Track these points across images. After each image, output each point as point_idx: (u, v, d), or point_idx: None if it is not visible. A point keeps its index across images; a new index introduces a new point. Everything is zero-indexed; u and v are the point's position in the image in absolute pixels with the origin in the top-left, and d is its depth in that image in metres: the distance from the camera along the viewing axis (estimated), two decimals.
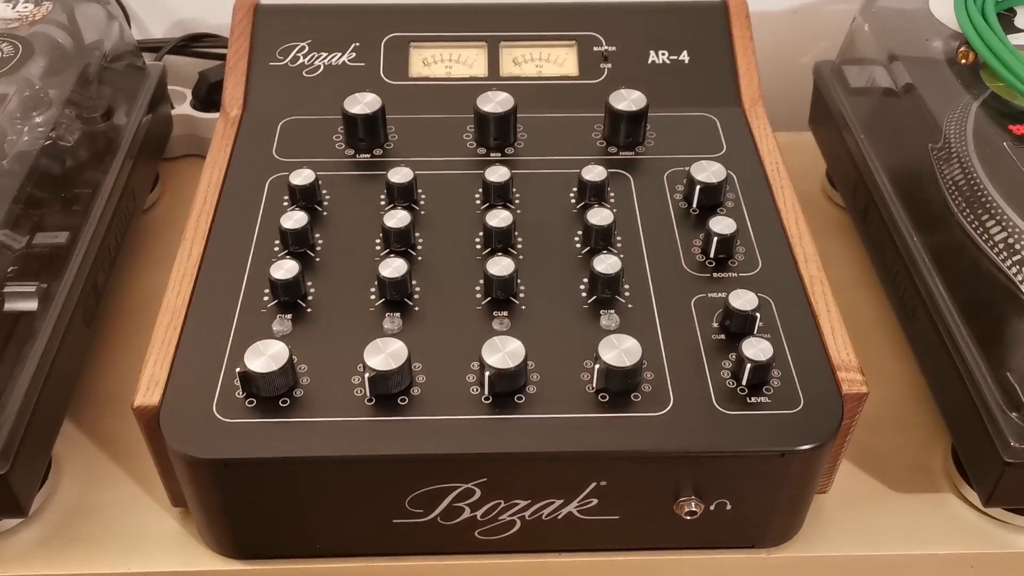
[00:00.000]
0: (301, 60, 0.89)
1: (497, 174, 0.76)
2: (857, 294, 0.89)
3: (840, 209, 0.99)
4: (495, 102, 0.79)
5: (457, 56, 0.90)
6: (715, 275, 0.71)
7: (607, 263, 0.68)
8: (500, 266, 0.68)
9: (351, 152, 0.81)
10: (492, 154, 0.82)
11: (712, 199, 0.76)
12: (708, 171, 0.76)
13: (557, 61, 0.90)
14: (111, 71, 0.88)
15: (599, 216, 0.72)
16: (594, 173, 0.76)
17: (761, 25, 1.07)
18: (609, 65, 0.89)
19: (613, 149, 0.82)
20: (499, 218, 0.72)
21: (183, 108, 1.02)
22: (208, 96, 1.00)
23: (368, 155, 0.81)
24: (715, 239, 0.71)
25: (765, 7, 1.06)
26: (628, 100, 0.81)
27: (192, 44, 1.05)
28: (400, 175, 0.76)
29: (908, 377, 0.80)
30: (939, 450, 0.75)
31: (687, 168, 0.79)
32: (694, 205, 0.76)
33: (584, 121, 0.85)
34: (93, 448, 0.74)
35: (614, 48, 0.90)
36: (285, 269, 0.68)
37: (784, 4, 1.06)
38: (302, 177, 0.75)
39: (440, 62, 0.90)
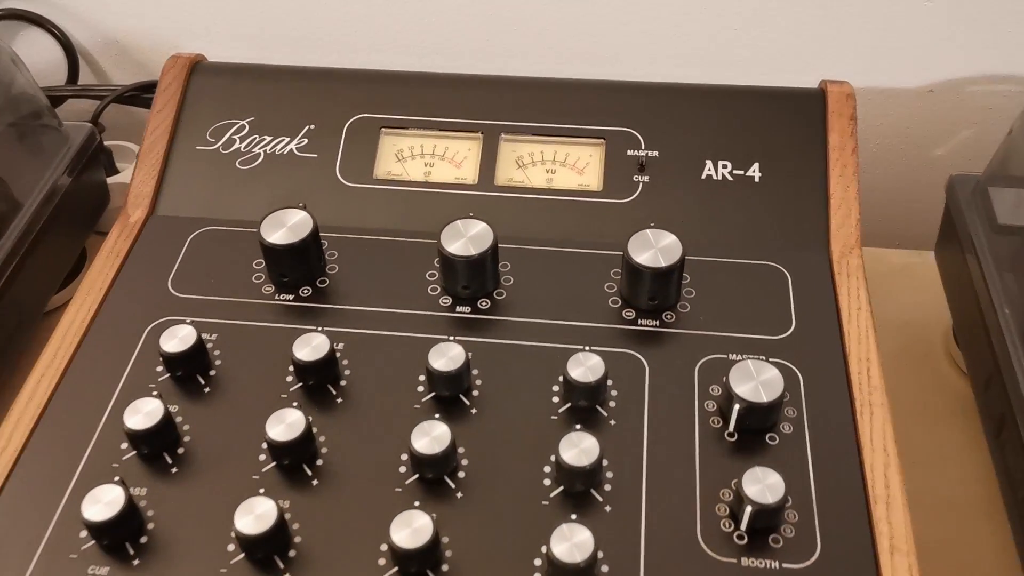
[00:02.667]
0: (237, 145, 0.67)
1: (445, 357, 0.52)
2: (976, 523, 0.62)
3: (966, 378, 0.72)
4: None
5: (443, 149, 0.67)
6: (746, 561, 0.47)
7: (575, 541, 0.44)
8: (413, 529, 0.45)
9: (269, 291, 0.60)
10: (459, 308, 0.58)
11: (758, 423, 0.51)
12: (757, 380, 0.51)
13: (576, 166, 0.66)
14: None
15: (577, 449, 0.48)
16: (584, 368, 0.52)
17: (883, 103, 0.80)
18: (646, 178, 0.64)
19: (630, 313, 0.58)
20: (432, 436, 0.49)
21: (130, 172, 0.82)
22: None
23: (291, 296, 0.59)
24: (749, 509, 0.46)
25: (890, 82, 0.79)
26: (655, 249, 0.56)
27: (149, 92, 0.85)
28: (310, 348, 0.53)
29: None
30: None
31: (728, 357, 0.54)
32: (731, 427, 0.51)
33: (599, 262, 0.61)
34: None
35: (655, 153, 0.65)
36: (106, 503, 0.47)
37: (917, 78, 0.78)
38: (178, 341, 0.54)
39: (418, 156, 0.67)
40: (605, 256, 0.61)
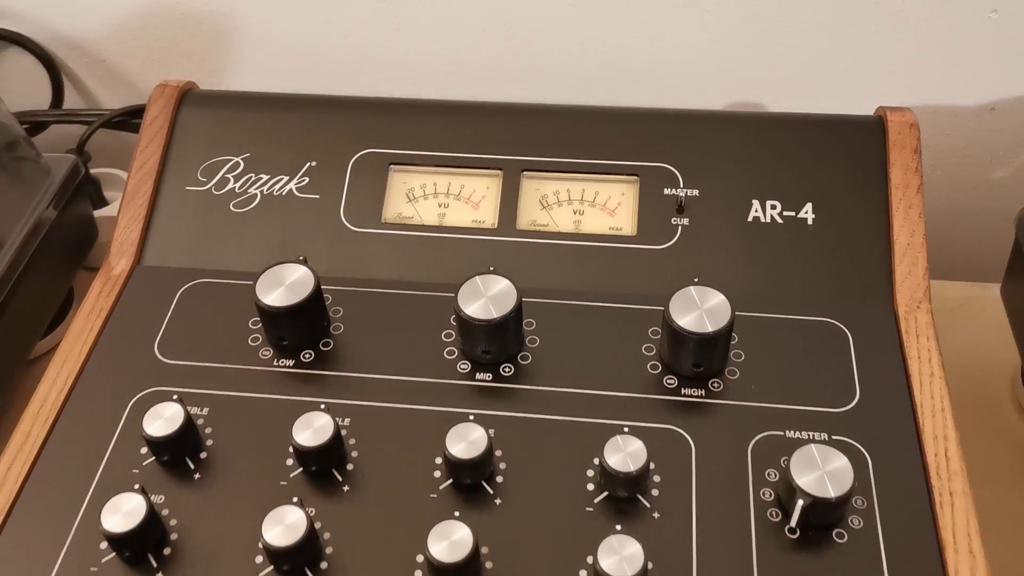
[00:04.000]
0: (231, 185, 0.61)
1: (465, 442, 0.46)
2: None
3: None
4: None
5: (459, 188, 0.60)
6: None
7: None
8: None
9: (267, 355, 0.53)
10: (479, 375, 0.52)
11: (824, 518, 0.45)
12: (822, 470, 0.44)
13: (607, 206, 0.59)
14: None
15: (618, 556, 0.42)
16: (624, 455, 0.45)
17: (939, 121, 0.73)
18: (685, 221, 0.58)
19: (671, 381, 0.51)
20: (451, 540, 0.43)
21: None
22: None
23: (291, 361, 0.53)
24: None
25: (948, 100, 0.72)
26: (701, 311, 0.49)
27: (138, 116, 0.78)
28: (312, 431, 0.47)
29: None
30: None
31: (785, 435, 0.48)
32: (792, 522, 0.45)
33: (635, 319, 0.54)
34: None
35: (695, 191, 0.58)
36: None
37: (976, 95, 0.71)
38: (164, 422, 0.48)
39: (431, 196, 0.60)
40: (642, 312, 0.54)
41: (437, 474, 0.48)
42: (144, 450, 0.49)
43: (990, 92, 0.71)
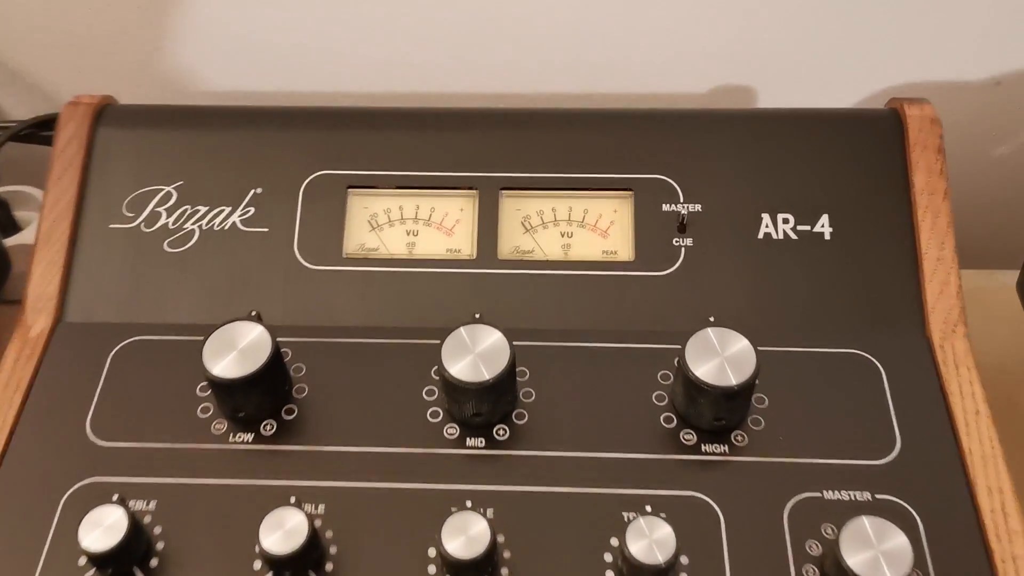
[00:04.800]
0: (163, 220, 0.52)
1: (464, 537, 0.40)
2: None
3: None
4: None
5: (428, 211, 0.53)
6: None
7: None
8: None
9: (221, 429, 0.46)
10: (470, 440, 0.45)
11: None
12: (877, 549, 0.39)
13: (598, 226, 0.52)
14: None
15: None
16: (649, 543, 0.39)
17: (942, 97, 0.67)
18: (688, 241, 0.51)
19: (689, 436, 0.45)
20: None
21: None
22: None
23: (250, 435, 0.46)
24: None
25: (952, 74, 0.65)
26: (722, 359, 0.43)
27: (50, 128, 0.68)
28: (283, 532, 0.40)
29: None
30: None
31: (824, 496, 0.42)
32: None
33: (641, 360, 0.48)
34: None
35: (698, 207, 0.52)
36: None
37: (982, 68, 0.65)
38: (103, 532, 0.40)
39: (398, 223, 0.52)
40: (648, 352, 0.48)
41: (432, 569, 0.41)
42: (83, 561, 0.42)
43: (995, 65, 0.66)
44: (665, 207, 0.52)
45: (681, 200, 0.52)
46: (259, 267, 0.51)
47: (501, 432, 0.45)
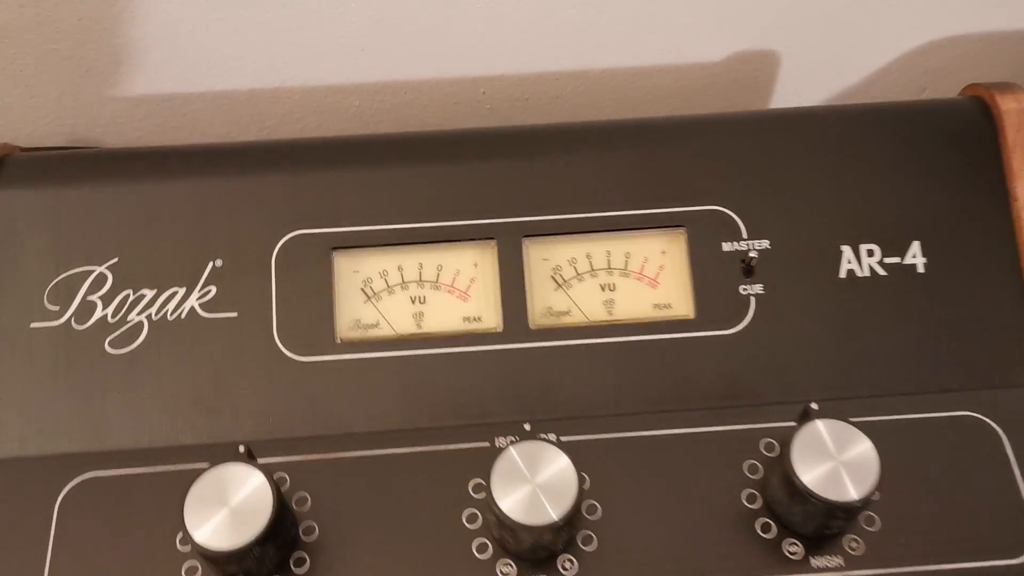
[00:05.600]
0: (100, 312, 0.41)
1: None
2: None
3: None
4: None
5: (436, 269, 0.42)
6: None
7: None
8: None
9: None
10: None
11: None
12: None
13: (645, 273, 0.43)
14: None
15: None
16: None
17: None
18: (758, 287, 0.42)
19: (794, 548, 0.37)
20: None
21: None
22: None
23: None
24: None
25: (996, 22, 0.57)
26: (838, 463, 0.35)
27: None
28: None
29: None
30: None
31: None
32: None
33: (721, 448, 0.39)
34: None
35: (765, 243, 0.43)
36: None
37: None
38: None
39: (399, 288, 0.42)
40: (727, 437, 0.40)
41: None
42: None
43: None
44: (726, 246, 0.42)
45: (744, 236, 0.42)
46: (232, 364, 0.40)
47: (568, 565, 0.37)
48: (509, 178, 0.43)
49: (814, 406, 0.37)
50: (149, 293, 0.41)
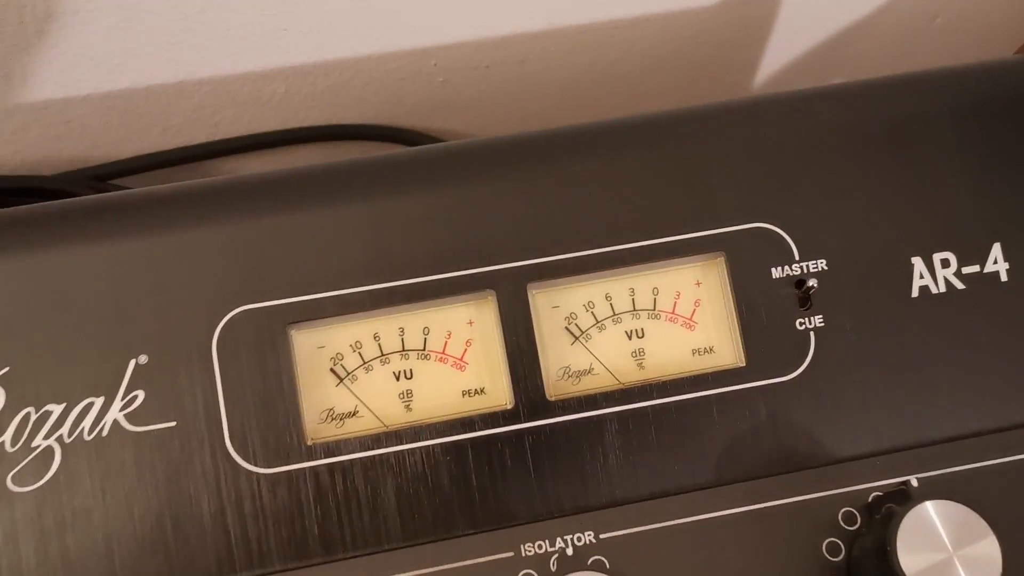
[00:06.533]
0: None
1: None
2: None
3: None
4: None
5: (422, 333, 0.34)
6: None
7: None
8: None
9: None
10: None
11: None
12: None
13: (679, 312, 0.35)
14: None
15: None
16: None
17: None
18: (818, 320, 0.34)
19: None
20: None
21: None
22: None
23: None
24: None
25: None
26: (953, 558, 0.29)
27: None
28: None
29: None
30: None
31: None
32: None
33: (794, 527, 0.33)
34: None
35: (823, 263, 0.35)
36: None
37: None
38: None
39: (377, 362, 0.34)
40: (795, 509, 0.33)
41: None
42: None
43: None
44: (775, 271, 0.35)
45: (796, 258, 0.35)
46: (175, 489, 0.32)
47: None
48: (502, 211, 0.34)
49: (914, 482, 0.30)
50: (56, 408, 0.32)
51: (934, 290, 0.35)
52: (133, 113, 0.46)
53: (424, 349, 0.34)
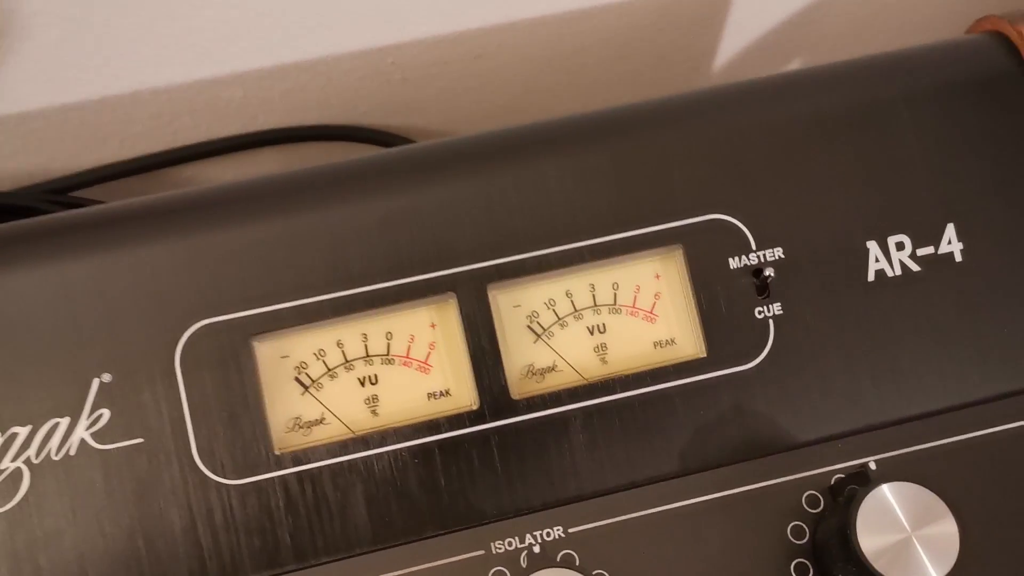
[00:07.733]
0: None
1: None
2: None
3: None
4: None
5: (384, 339, 0.34)
6: None
7: None
8: None
9: None
10: None
11: None
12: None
13: (639, 306, 0.35)
14: None
15: None
16: None
17: None
18: (776, 308, 0.35)
19: None
20: None
21: None
22: None
23: None
24: None
25: None
26: (911, 537, 0.29)
27: None
28: None
29: None
30: None
31: None
32: None
33: (749, 508, 0.33)
34: None
35: (779, 252, 0.35)
36: None
37: None
38: None
39: (342, 369, 0.34)
40: (760, 495, 0.33)
41: None
42: None
43: None
44: (733, 262, 0.35)
45: (754, 248, 0.35)
46: (145, 505, 0.32)
47: None
48: (459, 212, 0.34)
49: (873, 467, 0.31)
50: (21, 431, 0.32)
51: (890, 273, 0.35)
52: (90, 125, 0.46)
53: (388, 354, 0.34)
